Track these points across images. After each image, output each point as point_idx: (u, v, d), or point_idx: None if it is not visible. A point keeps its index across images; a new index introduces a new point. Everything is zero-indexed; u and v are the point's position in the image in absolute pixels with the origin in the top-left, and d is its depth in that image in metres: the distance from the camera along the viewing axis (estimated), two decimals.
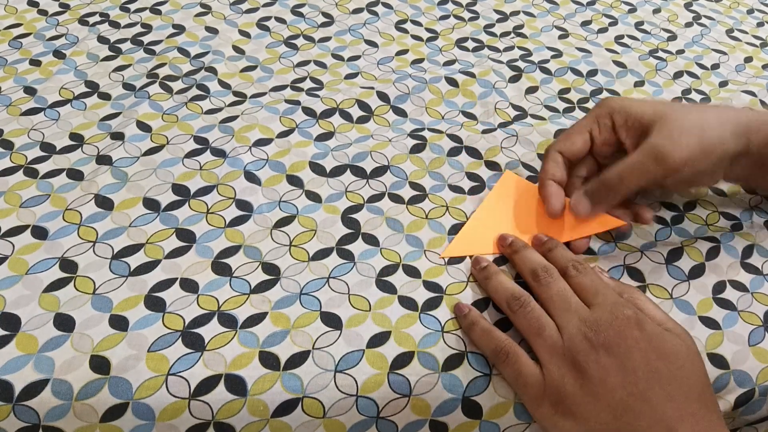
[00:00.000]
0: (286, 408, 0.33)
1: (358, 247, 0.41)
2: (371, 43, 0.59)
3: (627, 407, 0.32)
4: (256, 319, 0.36)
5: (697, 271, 0.42)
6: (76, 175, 0.43)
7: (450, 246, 0.41)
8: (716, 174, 0.42)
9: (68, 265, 0.38)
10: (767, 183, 0.45)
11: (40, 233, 0.39)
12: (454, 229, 0.43)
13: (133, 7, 0.60)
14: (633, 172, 0.39)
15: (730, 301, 0.40)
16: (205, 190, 0.43)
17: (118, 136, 0.46)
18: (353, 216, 0.43)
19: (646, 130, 0.39)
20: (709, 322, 0.39)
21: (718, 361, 0.37)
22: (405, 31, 0.61)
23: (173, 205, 0.42)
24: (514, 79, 0.56)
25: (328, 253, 0.40)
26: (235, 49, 0.56)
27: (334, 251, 0.40)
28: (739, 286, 0.41)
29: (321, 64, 0.56)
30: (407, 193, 0.45)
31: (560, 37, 0.63)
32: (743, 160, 0.41)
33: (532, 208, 0.44)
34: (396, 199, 0.44)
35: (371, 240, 0.41)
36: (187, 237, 0.40)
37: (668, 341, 0.33)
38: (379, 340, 0.36)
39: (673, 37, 0.65)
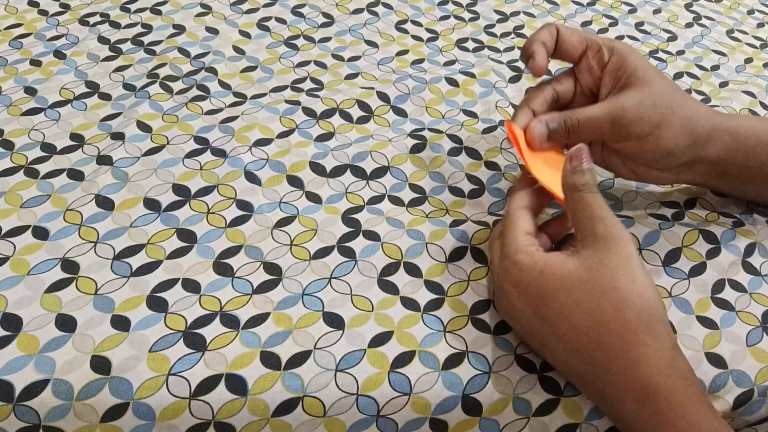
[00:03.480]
0: (286, 407, 0.33)
1: (359, 243, 0.41)
2: (371, 44, 0.59)
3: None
4: (258, 320, 0.36)
5: (697, 270, 0.42)
6: (76, 175, 0.43)
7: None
8: (662, 166, 0.41)
9: (70, 266, 0.38)
10: (732, 190, 0.45)
11: (41, 234, 0.39)
12: (456, 225, 0.43)
13: (133, 7, 0.60)
14: (589, 126, 0.40)
15: (728, 301, 0.40)
16: (205, 191, 0.43)
17: (118, 137, 0.46)
18: (354, 216, 0.43)
19: (625, 86, 0.40)
20: (707, 322, 0.39)
21: (716, 360, 0.38)
22: (405, 31, 0.61)
23: (174, 206, 0.42)
24: (514, 80, 0.56)
25: (329, 252, 0.40)
26: (236, 49, 0.56)
27: (335, 249, 0.41)
28: (737, 286, 0.41)
29: (321, 65, 0.56)
30: (407, 195, 0.45)
31: None
32: (699, 167, 0.41)
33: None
34: (396, 201, 0.45)
35: (372, 236, 0.42)
36: (188, 237, 0.40)
37: None
38: (380, 339, 0.36)
39: (673, 38, 0.65)
